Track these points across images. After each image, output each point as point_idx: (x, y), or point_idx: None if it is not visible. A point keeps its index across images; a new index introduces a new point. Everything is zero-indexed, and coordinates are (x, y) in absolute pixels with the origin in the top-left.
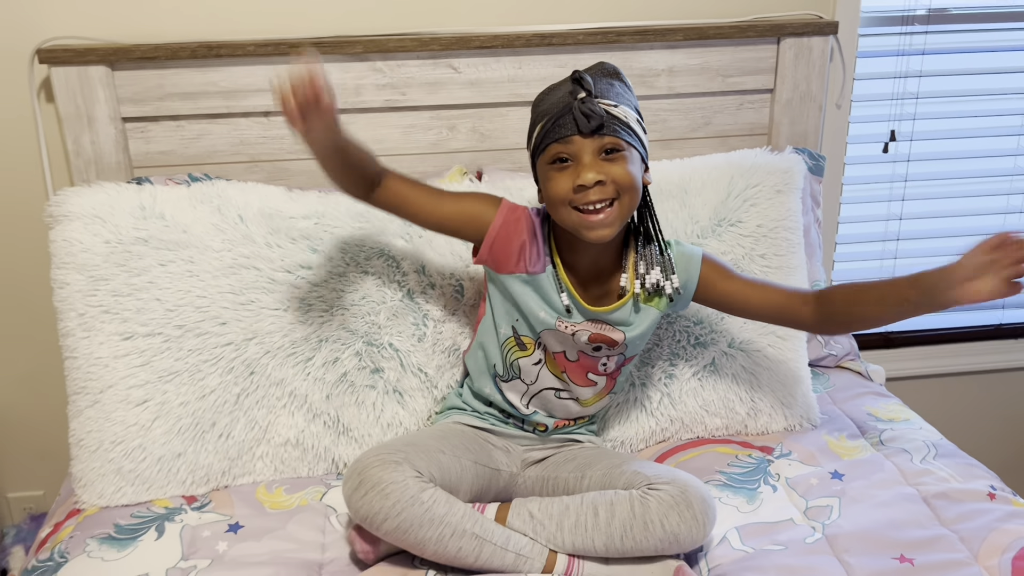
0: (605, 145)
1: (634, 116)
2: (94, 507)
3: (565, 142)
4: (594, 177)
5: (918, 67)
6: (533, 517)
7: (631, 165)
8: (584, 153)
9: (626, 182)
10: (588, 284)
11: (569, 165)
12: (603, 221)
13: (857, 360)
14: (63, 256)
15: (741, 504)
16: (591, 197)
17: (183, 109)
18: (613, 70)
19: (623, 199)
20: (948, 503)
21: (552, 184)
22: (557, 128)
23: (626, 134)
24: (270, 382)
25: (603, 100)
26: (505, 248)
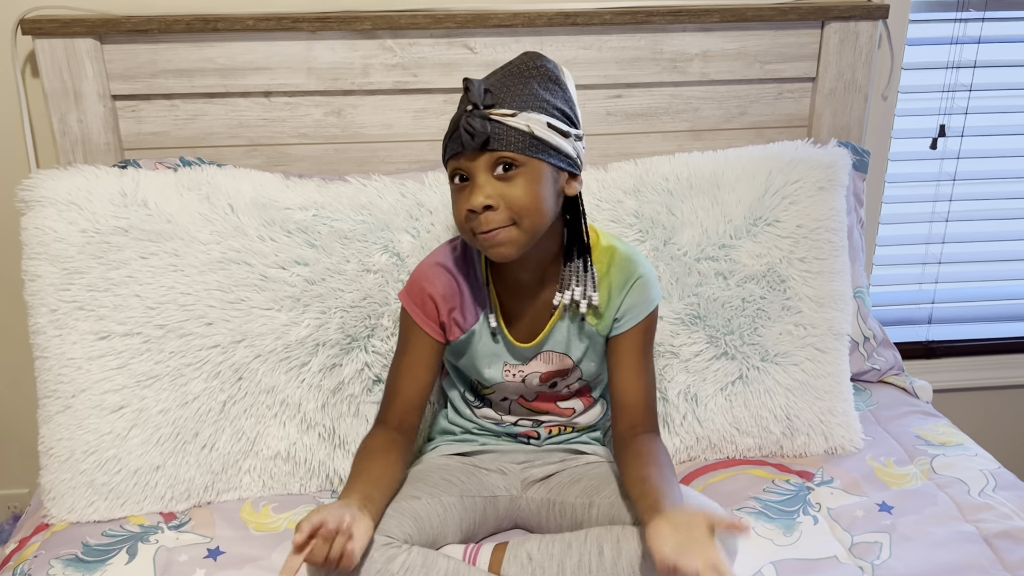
0: (499, 160)
1: (543, 120)
2: (63, 522)
3: (457, 159)
4: (482, 201)
5: (972, 57)
6: (531, 559)
7: (533, 183)
8: (477, 172)
9: (522, 205)
10: (525, 305)
11: (467, 184)
12: (500, 241)
13: (902, 375)
14: (35, 246)
15: (777, 536)
16: (482, 226)
17: (177, 87)
18: (533, 64)
19: (523, 223)
20: (1012, 544)
21: (454, 206)
22: (452, 143)
23: (524, 147)
24: (260, 389)
25: (497, 110)
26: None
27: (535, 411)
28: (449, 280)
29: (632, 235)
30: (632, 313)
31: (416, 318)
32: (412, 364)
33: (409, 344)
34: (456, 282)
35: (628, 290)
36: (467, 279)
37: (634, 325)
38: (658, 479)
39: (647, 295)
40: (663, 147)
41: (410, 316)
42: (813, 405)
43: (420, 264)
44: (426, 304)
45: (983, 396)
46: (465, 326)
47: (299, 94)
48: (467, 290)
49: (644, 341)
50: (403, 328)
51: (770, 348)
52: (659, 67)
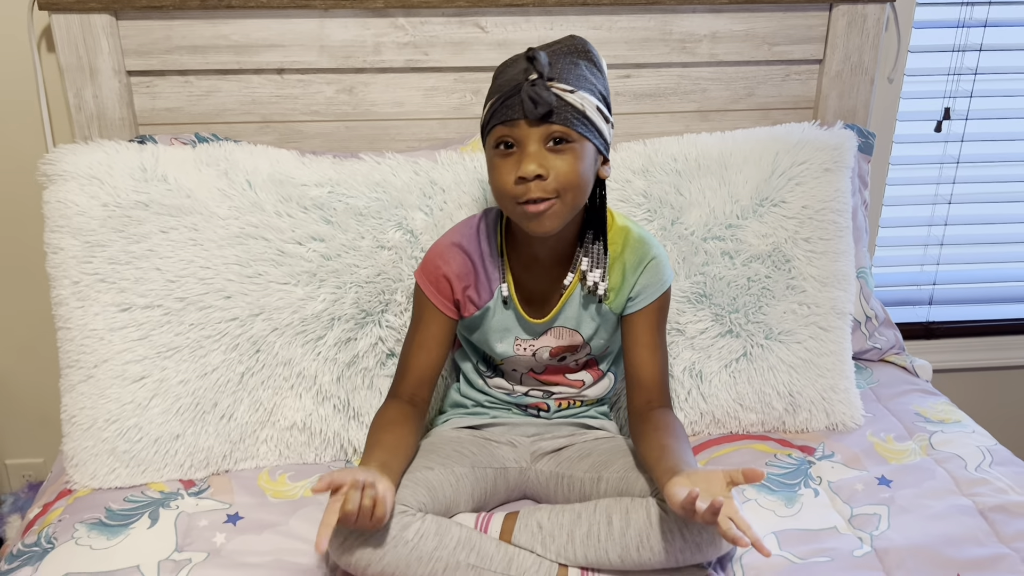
0: (553, 134)
1: (594, 103)
2: (86, 488)
3: (511, 125)
4: (535, 169)
5: (978, 40)
6: (542, 528)
7: (580, 160)
8: (530, 141)
9: (569, 180)
10: (539, 282)
11: (514, 152)
12: (543, 213)
13: (903, 354)
14: (57, 219)
15: (779, 507)
16: (531, 194)
17: (191, 64)
18: (582, 47)
19: (566, 197)
20: (1007, 517)
21: (495, 173)
22: (505, 109)
23: (580, 124)
24: (277, 361)
25: (558, 84)
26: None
27: (545, 383)
28: (464, 259)
29: (640, 215)
30: (646, 293)
31: (431, 296)
32: (425, 341)
33: (423, 321)
34: (471, 261)
35: (642, 270)
36: (482, 256)
37: (648, 304)
38: (676, 448)
39: (660, 276)
40: (671, 127)
41: (424, 294)
42: (815, 382)
43: (436, 243)
44: (440, 283)
45: (981, 376)
46: (480, 303)
47: (311, 71)
48: (482, 267)
49: (658, 319)
50: (417, 305)
51: (774, 326)
52: (668, 48)
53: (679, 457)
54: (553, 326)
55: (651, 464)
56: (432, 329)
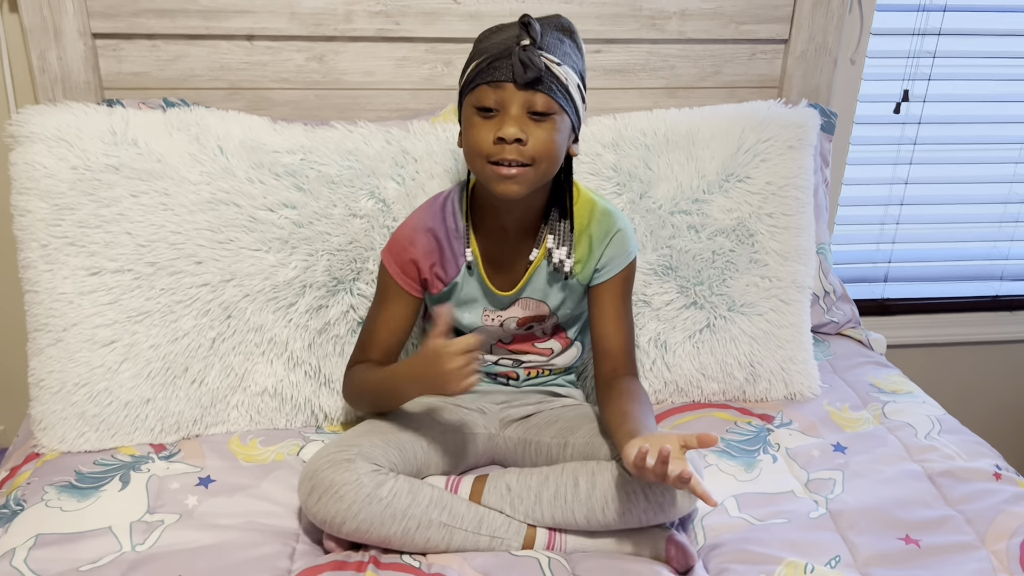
0: (536, 104)
1: (576, 80)
2: (54, 452)
3: (497, 87)
4: (515, 132)
5: (937, 24)
6: (511, 490)
7: (557, 132)
8: (512, 104)
9: (546, 149)
10: (506, 253)
11: (494, 115)
12: (514, 177)
13: (858, 328)
14: (24, 181)
15: (739, 472)
16: (506, 155)
17: (159, 28)
18: (568, 27)
19: (539, 166)
20: (954, 482)
21: (473, 131)
22: (492, 70)
23: (562, 97)
24: (248, 327)
25: (547, 54)
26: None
27: (515, 351)
28: (430, 239)
29: (610, 188)
30: (612, 264)
31: (397, 279)
32: (391, 319)
33: (388, 300)
34: (436, 239)
35: (608, 242)
36: (448, 233)
37: (614, 275)
38: (637, 413)
39: (626, 247)
40: (640, 103)
41: (390, 276)
42: (775, 353)
43: (402, 225)
44: (407, 267)
45: (932, 351)
46: (447, 279)
47: (281, 39)
48: (447, 244)
49: (623, 290)
50: (382, 284)
51: (737, 299)
52: (638, 24)
53: (639, 422)
54: (520, 297)
55: (613, 429)
56: (398, 308)
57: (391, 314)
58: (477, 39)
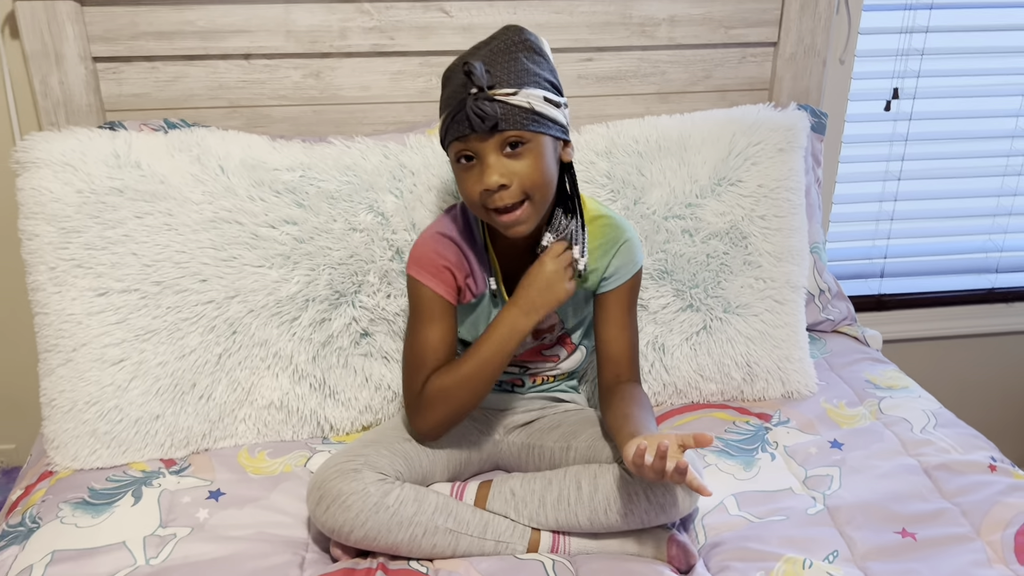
0: (508, 139)
1: (540, 95)
2: (67, 470)
3: (464, 140)
4: (497, 180)
5: (924, 23)
6: (514, 495)
7: (540, 158)
8: (487, 152)
9: (533, 180)
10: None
11: (474, 163)
12: (517, 219)
13: (854, 325)
14: (32, 206)
15: (738, 471)
16: (498, 203)
17: (158, 50)
18: (518, 38)
19: (534, 197)
20: (949, 475)
21: (461, 184)
22: (455, 125)
23: (531, 123)
24: (253, 342)
25: (500, 90)
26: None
27: (523, 360)
28: (457, 251)
29: (604, 195)
30: (619, 273)
31: (437, 289)
32: (443, 332)
33: (436, 315)
34: (462, 251)
35: (615, 252)
36: (471, 247)
37: (620, 284)
38: (638, 416)
39: (633, 257)
40: (632, 109)
41: (428, 288)
42: (771, 353)
43: (422, 238)
44: (443, 274)
45: (929, 345)
46: (477, 291)
47: (278, 56)
48: (472, 257)
49: (629, 299)
50: (420, 300)
51: (732, 300)
52: (628, 31)
53: (640, 424)
54: None
55: (615, 431)
56: (447, 321)
57: (441, 327)
58: (442, 80)
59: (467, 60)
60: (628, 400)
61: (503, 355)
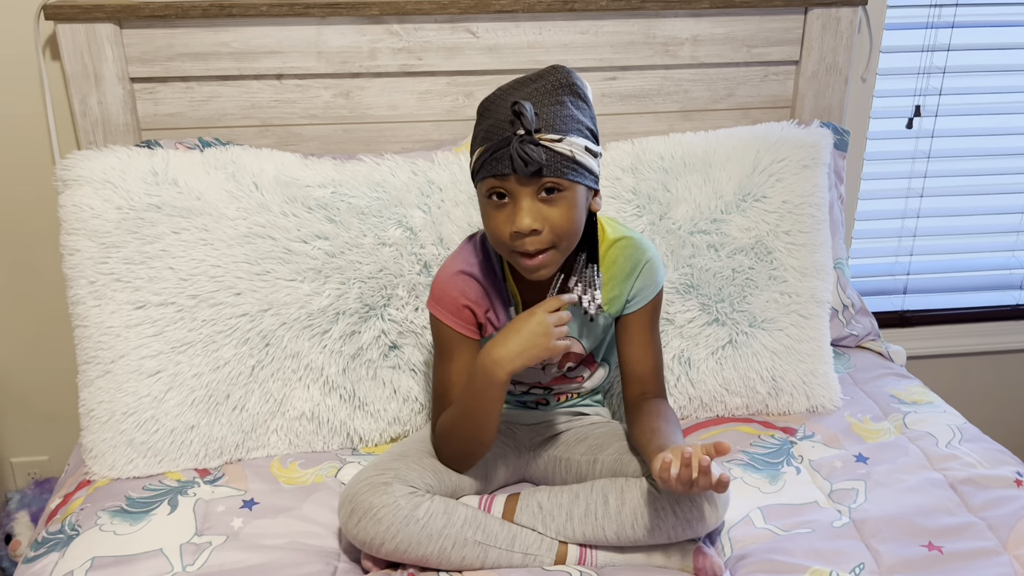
0: (545, 184)
1: (582, 145)
2: (105, 479)
3: (502, 179)
4: (530, 224)
5: (946, 40)
6: (542, 508)
7: (573, 207)
8: (522, 195)
9: (564, 229)
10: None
11: (507, 203)
12: (541, 263)
13: (878, 340)
14: (73, 222)
15: (763, 484)
16: (528, 247)
17: (193, 70)
18: (566, 81)
19: (561, 245)
20: (975, 489)
21: (490, 221)
22: (494, 162)
23: (570, 172)
24: (285, 354)
25: (546, 136)
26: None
27: (547, 386)
28: (477, 286)
29: (630, 211)
30: (642, 295)
31: (456, 327)
32: (463, 368)
33: (455, 352)
34: (483, 287)
35: (638, 275)
36: (491, 281)
37: (643, 305)
38: (665, 429)
39: (654, 278)
40: (655, 127)
41: (448, 327)
42: (796, 367)
43: (442, 272)
44: (463, 313)
45: (953, 362)
46: (499, 323)
47: (309, 77)
48: (493, 291)
49: (652, 318)
50: (442, 338)
51: (757, 315)
52: (652, 51)
53: (667, 437)
54: None
55: (642, 446)
56: (466, 356)
57: (459, 363)
58: (479, 110)
59: (516, 100)
60: (654, 414)
61: (487, 404)
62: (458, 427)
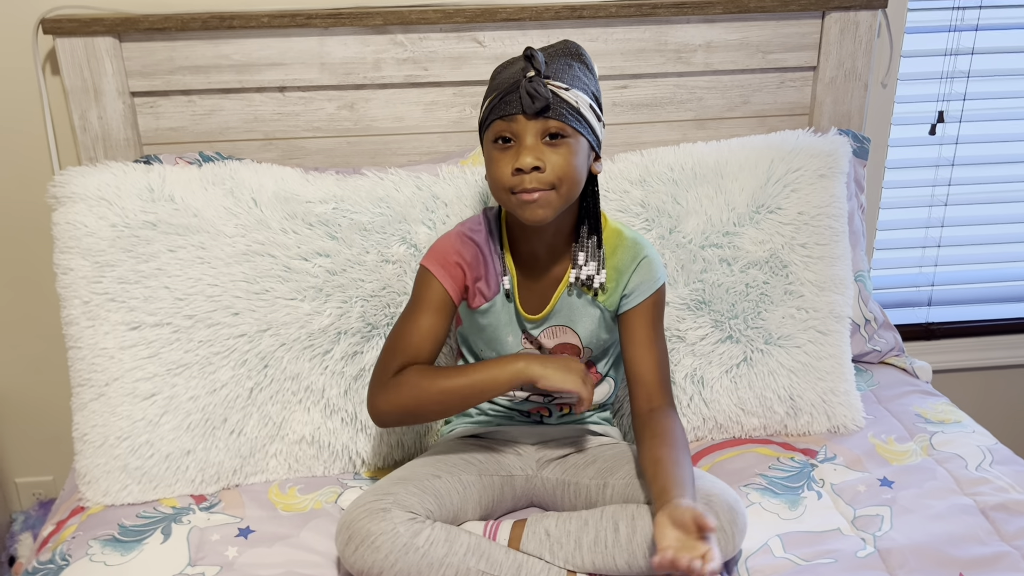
0: (550, 129)
1: (587, 102)
2: (98, 505)
3: (509, 120)
4: (532, 161)
5: (970, 44)
6: (549, 536)
7: (575, 154)
8: (527, 134)
9: (564, 172)
10: (538, 281)
11: (511, 146)
12: (538, 202)
13: (902, 356)
14: (67, 240)
15: (782, 510)
16: (526, 184)
17: (194, 83)
18: (575, 51)
19: (560, 188)
20: (1008, 516)
21: (494, 166)
22: (503, 105)
23: (574, 119)
24: (285, 376)
25: (554, 81)
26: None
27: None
28: (475, 249)
29: (639, 224)
30: (640, 290)
31: (441, 279)
32: (435, 329)
33: (427, 309)
34: (480, 252)
35: (635, 268)
36: (490, 250)
37: (642, 301)
38: (670, 462)
39: (653, 273)
40: (668, 136)
41: (434, 277)
42: (816, 386)
43: (445, 235)
44: (453, 269)
45: (982, 376)
46: (489, 295)
47: (312, 88)
48: (489, 260)
49: (653, 316)
50: (421, 291)
51: (773, 331)
52: (664, 58)
53: (670, 477)
54: (547, 324)
55: (648, 478)
56: (438, 317)
57: (434, 320)
58: (491, 76)
59: (529, 47)
60: (659, 439)
61: (492, 388)
62: (443, 396)
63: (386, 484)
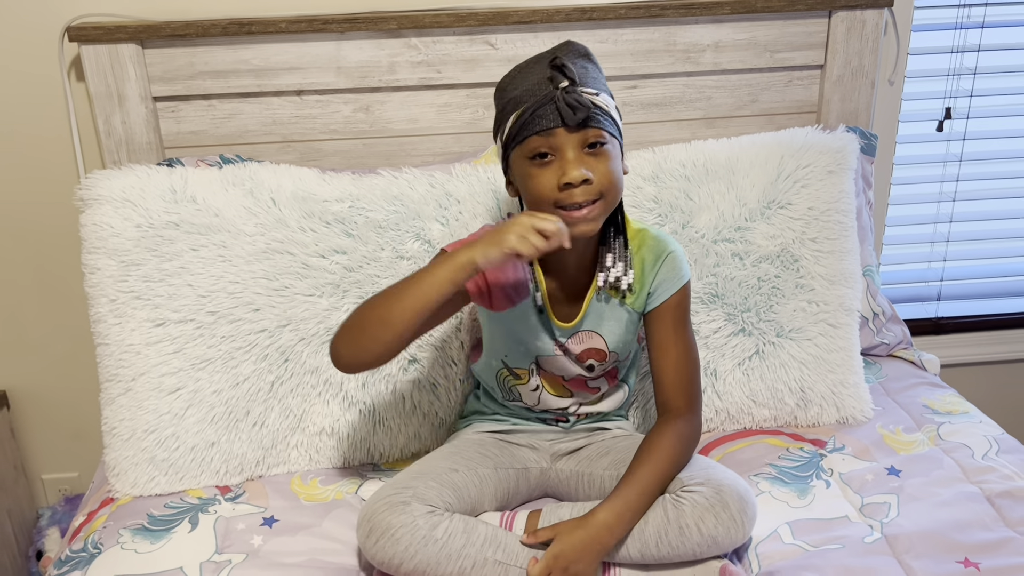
0: (589, 138)
1: (613, 103)
2: (127, 496)
3: (548, 135)
4: (580, 175)
5: (976, 41)
6: None
7: (615, 160)
8: (568, 148)
9: (610, 181)
10: (564, 286)
11: (551, 161)
12: (587, 216)
13: (910, 349)
14: (94, 241)
15: (792, 499)
16: (576, 197)
17: (214, 88)
18: (584, 51)
19: (608, 197)
20: (1013, 503)
21: (534, 182)
22: (537, 119)
23: (610, 125)
24: (305, 370)
25: (585, 89)
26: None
27: (567, 392)
28: None
29: (652, 219)
30: (664, 287)
31: None
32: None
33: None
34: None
35: (660, 266)
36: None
37: (667, 299)
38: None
39: (677, 271)
40: (677, 135)
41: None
42: (825, 378)
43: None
44: None
45: (990, 370)
46: (516, 299)
47: (329, 92)
48: (519, 266)
49: (677, 315)
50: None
51: (785, 324)
52: (673, 58)
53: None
54: (580, 330)
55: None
56: None
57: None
58: (500, 87)
59: (556, 56)
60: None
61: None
62: (380, 296)
63: (405, 478)
